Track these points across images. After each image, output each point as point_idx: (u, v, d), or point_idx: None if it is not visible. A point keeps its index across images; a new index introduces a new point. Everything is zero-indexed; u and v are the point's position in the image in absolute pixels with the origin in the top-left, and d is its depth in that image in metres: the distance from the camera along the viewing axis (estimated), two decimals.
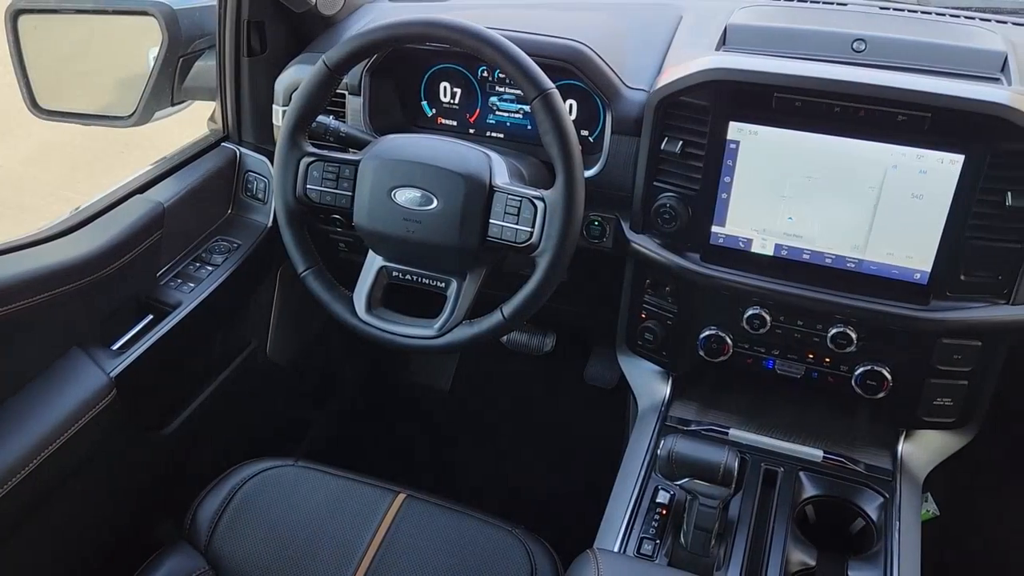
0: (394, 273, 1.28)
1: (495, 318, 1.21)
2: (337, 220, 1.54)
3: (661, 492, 1.23)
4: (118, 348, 1.33)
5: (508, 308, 1.20)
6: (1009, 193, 1.13)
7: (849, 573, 1.14)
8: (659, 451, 1.13)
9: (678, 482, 1.12)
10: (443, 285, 1.25)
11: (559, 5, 1.57)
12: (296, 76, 1.47)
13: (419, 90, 1.50)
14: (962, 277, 1.19)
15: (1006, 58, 1.25)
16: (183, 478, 1.53)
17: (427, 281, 1.26)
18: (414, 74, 1.50)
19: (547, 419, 2.17)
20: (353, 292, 1.28)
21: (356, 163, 1.24)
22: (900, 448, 1.32)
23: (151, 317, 1.39)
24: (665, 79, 1.25)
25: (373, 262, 1.28)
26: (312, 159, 1.25)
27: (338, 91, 1.39)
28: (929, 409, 1.29)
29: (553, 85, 1.14)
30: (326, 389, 2.09)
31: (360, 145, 1.34)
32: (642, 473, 1.27)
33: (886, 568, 1.14)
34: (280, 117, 1.51)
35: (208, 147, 1.58)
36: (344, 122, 1.42)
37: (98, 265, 1.28)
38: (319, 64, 1.21)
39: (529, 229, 1.17)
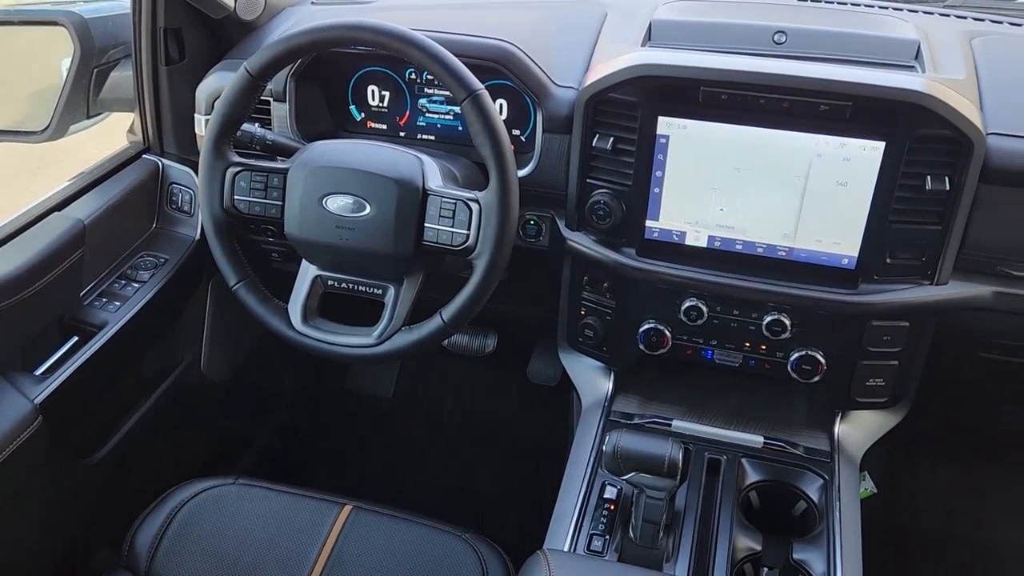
0: (329, 282, 1.25)
1: (435, 323, 1.19)
2: (268, 230, 1.51)
3: (608, 487, 1.24)
4: (42, 373, 1.28)
5: (448, 312, 1.19)
6: (928, 177, 1.16)
7: (794, 555, 1.16)
8: (604, 447, 1.13)
9: (625, 477, 1.13)
10: (380, 292, 1.23)
11: (485, 5, 1.56)
12: (217, 84, 1.44)
13: (346, 94, 1.48)
14: (888, 260, 1.22)
15: (919, 46, 1.29)
16: (119, 504, 1.48)
17: (364, 289, 1.24)
18: (341, 78, 1.47)
19: (492, 419, 2.17)
20: (288, 303, 1.25)
21: (285, 171, 1.21)
22: (837, 430, 1.35)
23: (76, 339, 1.34)
24: (593, 77, 1.26)
25: (307, 272, 1.26)
26: (239, 169, 1.22)
27: (263, 98, 1.35)
28: (862, 390, 1.33)
29: (482, 86, 1.14)
30: (265, 403, 2.05)
31: (288, 153, 1.31)
32: (589, 469, 1.27)
33: (829, 548, 1.16)
34: (203, 127, 1.46)
35: (128, 160, 1.52)
36: (270, 129, 1.39)
37: (16, 287, 1.22)
38: (241, 71, 1.18)
39: (465, 232, 1.16)
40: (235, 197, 1.22)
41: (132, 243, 1.50)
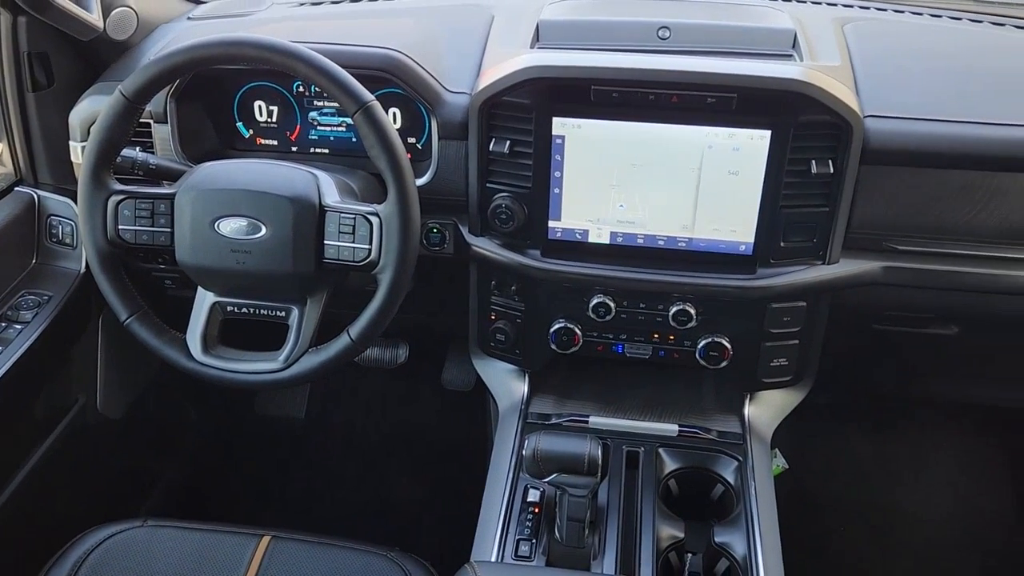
0: (229, 308, 1.21)
1: (343, 341, 1.17)
2: (159, 258, 1.44)
3: (531, 490, 1.24)
4: None
5: (355, 329, 1.16)
6: (813, 161, 1.21)
7: (715, 539, 1.19)
8: (524, 451, 1.13)
9: (546, 479, 1.13)
10: (283, 314, 1.20)
11: (370, 13, 1.54)
12: (92, 109, 1.36)
13: (232, 111, 1.43)
14: (782, 244, 1.26)
15: (795, 35, 1.34)
16: (20, 558, 1.39)
17: (266, 312, 1.20)
18: (225, 95, 1.42)
19: (411, 431, 2.14)
20: (186, 333, 1.20)
21: (171, 196, 1.16)
22: (746, 411, 1.39)
23: None
24: (485, 81, 1.25)
25: (204, 299, 1.21)
26: (121, 197, 1.16)
27: (142, 120, 1.29)
28: (768, 371, 1.37)
29: (373, 97, 1.11)
30: (171, 437, 1.96)
31: (174, 177, 1.25)
32: (510, 475, 1.27)
33: (747, 528, 1.19)
34: (79, 154, 1.39)
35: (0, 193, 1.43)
36: (153, 153, 1.32)
37: None
38: (116, 94, 1.13)
39: (367, 246, 1.13)
40: (120, 227, 1.16)
41: (10, 282, 1.41)
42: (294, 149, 1.45)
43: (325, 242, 1.14)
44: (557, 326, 1.36)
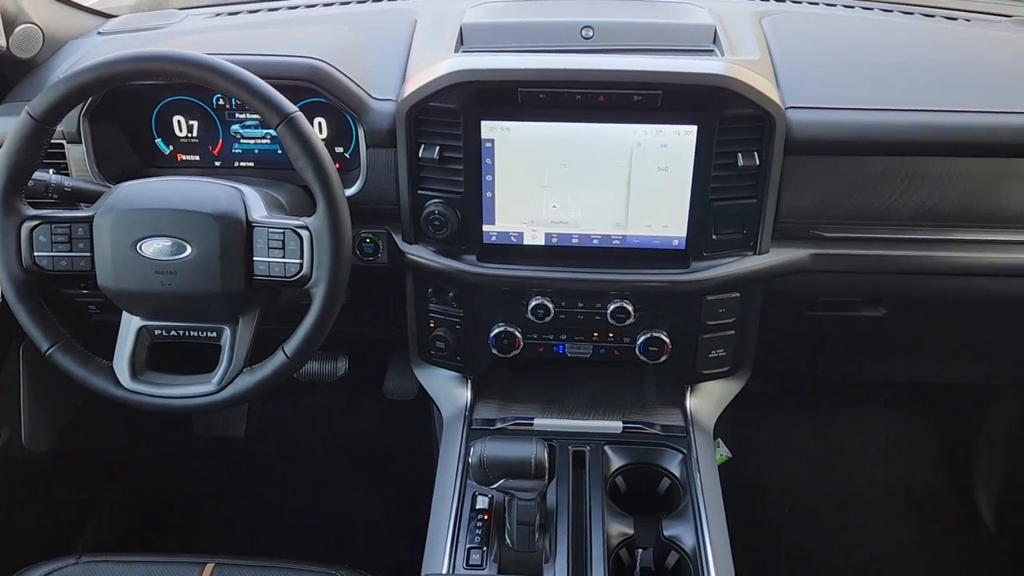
0: (157, 332, 1.17)
1: (278, 359, 1.14)
2: (80, 283, 1.39)
3: (480, 498, 1.22)
4: None
5: (291, 346, 1.14)
6: (739, 154, 1.22)
7: (664, 532, 1.20)
8: (470, 459, 1.12)
9: (494, 485, 1.12)
10: (215, 335, 1.16)
11: (288, 22, 1.51)
12: None
13: (150, 128, 1.39)
14: (714, 237, 1.28)
15: (715, 30, 1.36)
16: None
17: (196, 334, 1.17)
18: (141, 111, 1.37)
19: (356, 444, 2.11)
20: (112, 360, 1.16)
21: (90, 219, 1.12)
22: (688, 404, 1.41)
23: None
24: (410, 87, 1.24)
25: (130, 324, 1.17)
26: (35, 222, 1.11)
27: (55, 141, 1.24)
28: (706, 363, 1.39)
29: (296, 108, 1.09)
30: (104, 468, 1.89)
31: (91, 198, 1.21)
32: (458, 483, 1.26)
33: (695, 519, 1.21)
34: None
35: None
36: (67, 175, 1.27)
37: None
38: (23, 116, 1.08)
39: (298, 261, 1.11)
40: (35, 254, 1.11)
41: None
42: (218, 164, 1.41)
43: (254, 259, 1.11)
44: (497, 330, 1.36)
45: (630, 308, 1.32)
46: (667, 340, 1.34)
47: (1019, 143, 1.23)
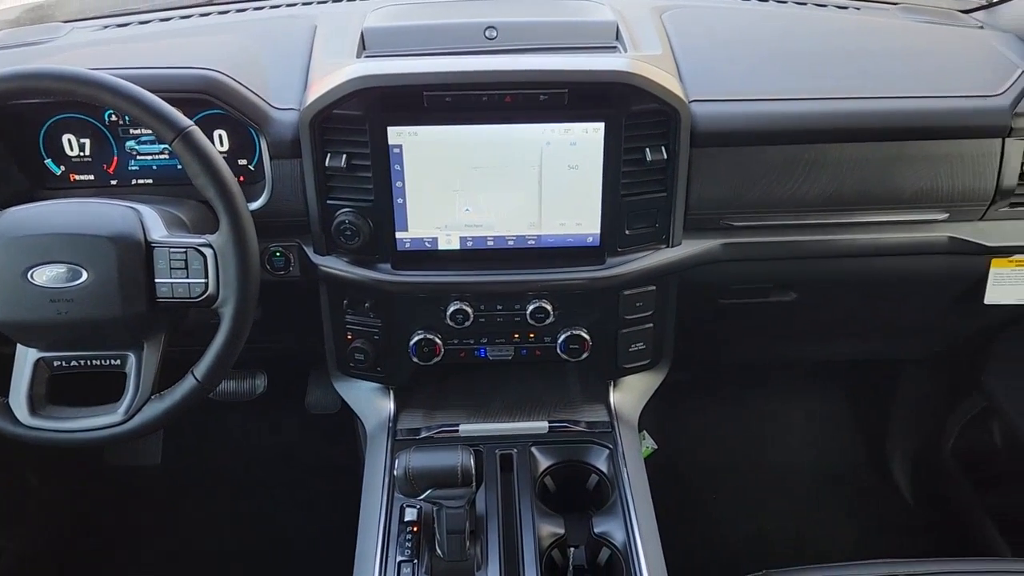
0: (56, 363, 1.11)
1: (188, 384, 1.09)
2: None
3: (408, 510, 1.20)
4: None
5: (200, 369, 1.09)
6: (647, 149, 1.24)
7: (595, 529, 1.20)
8: (395, 471, 1.10)
9: (421, 496, 1.10)
10: (119, 362, 1.11)
11: (180, 32, 1.45)
12: None
13: (38, 148, 1.31)
14: (627, 232, 1.29)
15: (617, 27, 1.37)
16: None
17: (99, 362, 1.11)
18: (27, 131, 1.30)
19: (280, 462, 2.06)
20: (8, 396, 1.09)
21: None
22: (612, 399, 1.42)
23: None
24: (312, 95, 1.21)
25: (26, 356, 1.10)
26: None
27: None
28: (627, 357, 1.40)
29: (191, 122, 1.05)
30: (9, 508, 1.79)
31: None
32: (384, 497, 1.23)
33: (624, 513, 1.21)
34: None
35: None
36: None
37: None
38: None
39: (203, 280, 1.07)
40: None
41: None
42: (114, 183, 1.34)
43: (156, 280, 1.07)
44: (417, 338, 1.34)
45: (549, 307, 1.32)
46: (587, 337, 1.35)
47: (909, 127, 1.28)
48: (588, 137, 1.22)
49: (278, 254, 1.30)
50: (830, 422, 2.19)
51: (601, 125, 1.21)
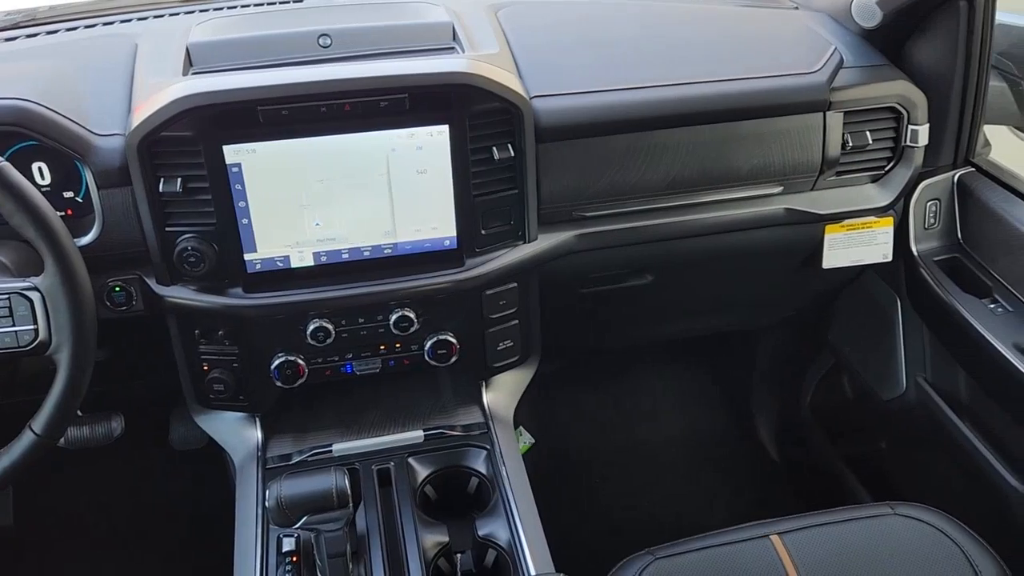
0: None
1: (27, 439, 1.01)
2: None
3: (286, 540, 1.16)
4: None
5: (39, 422, 1.01)
6: (494, 148, 1.24)
7: (479, 532, 1.20)
8: (267, 502, 1.06)
9: (297, 525, 1.06)
10: None
11: None
12: None
13: None
14: (483, 232, 1.29)
15: (453, 27, 1.36)
16: None
17: None
18: None
19: (148, 507, 1.94)
20: None
21: None
22: (485, 399, 1.42)
23: None
24: (137, 118, 1.14)
25: None
26: None
27: None
28: (496, 355, 1.40)
29: (1, 158, 0.97)
30: None
31: None
32: (259, 530, 1.18)
33: (506, 513, 1.21)
34: None
35: None
36: None
37: None
38: None
39: (32, 327, 0.99)
40: None
41: None
42: None
43: None
44: (278, 361, 1.29)
45: (412, 315, 1.30)
46: (454, 340, 1.34)
47: (737, 107, 1.34)
48: (434, 140, 1.21)
49: (118, 289, 1.22)
50: (699, 395, 2.27)
51: (445, 128, 1.20)
